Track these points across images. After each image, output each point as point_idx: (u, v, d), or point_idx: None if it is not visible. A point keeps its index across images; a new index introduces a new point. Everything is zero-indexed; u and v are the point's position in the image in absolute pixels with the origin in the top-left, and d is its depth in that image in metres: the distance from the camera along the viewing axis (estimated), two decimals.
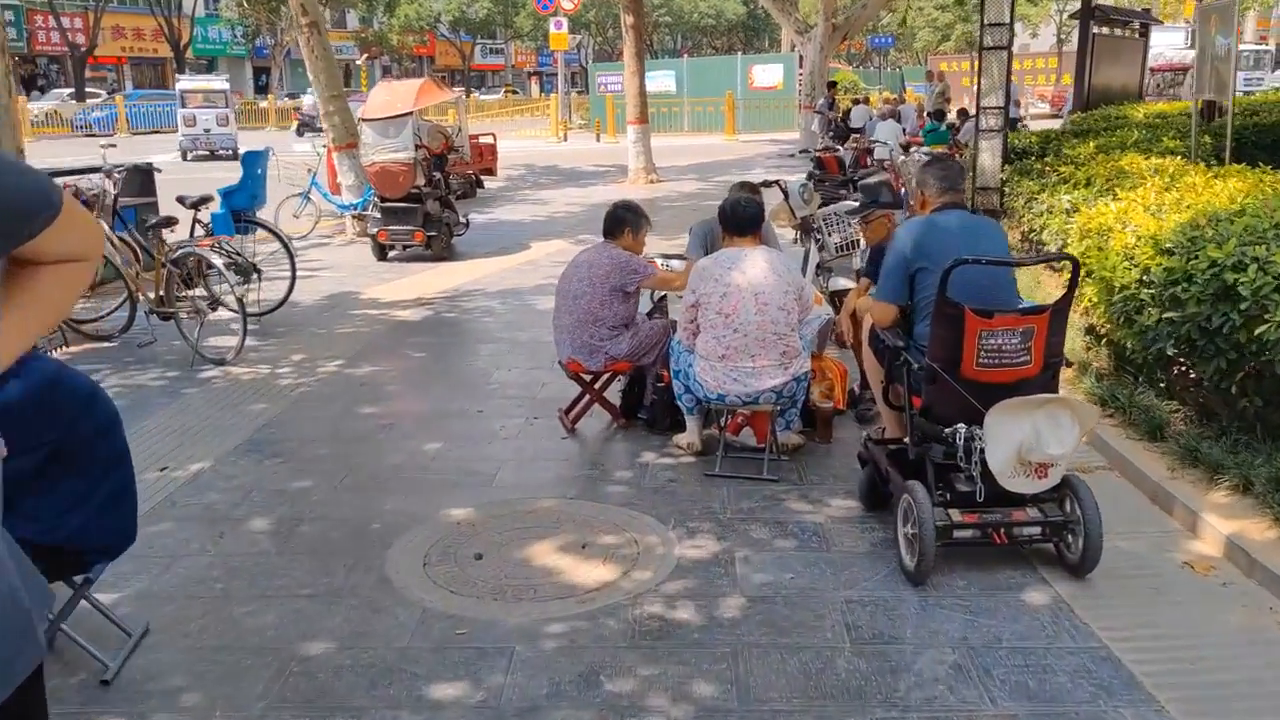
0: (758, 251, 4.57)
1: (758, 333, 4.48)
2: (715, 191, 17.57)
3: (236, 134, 26.34)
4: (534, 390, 6.16)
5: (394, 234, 10.79)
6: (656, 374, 5.33)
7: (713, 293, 4.51)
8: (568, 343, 5.30)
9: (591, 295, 5.19)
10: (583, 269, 5.27)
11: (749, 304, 4.46)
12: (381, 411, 5.81)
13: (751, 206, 4.64)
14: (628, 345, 5.27)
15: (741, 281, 4.48)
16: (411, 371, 6.73)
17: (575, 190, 18.08)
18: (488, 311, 8.45)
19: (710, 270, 4.55)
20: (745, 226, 4.64)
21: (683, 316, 4.72)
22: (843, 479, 4.66)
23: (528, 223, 13.98)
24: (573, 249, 11.98)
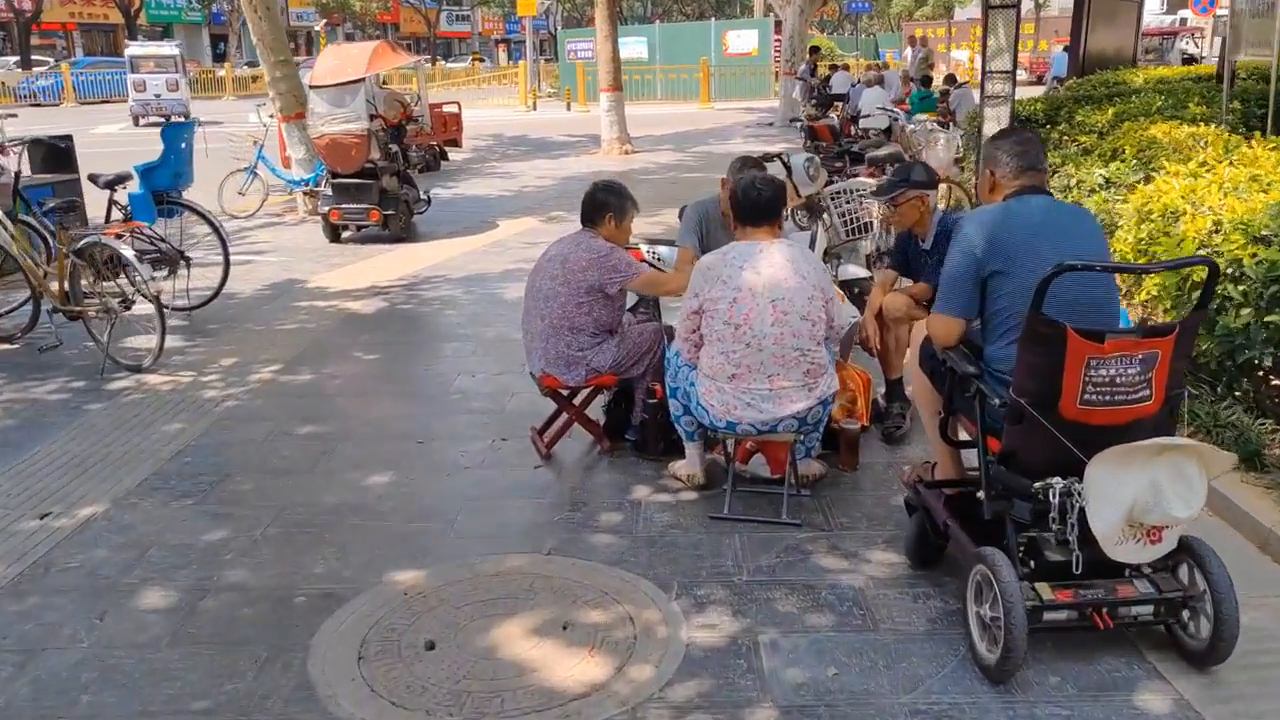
0: (776, 246, 3.70)
1: (775, 348, 3.62)
2: (694, 163, 16.65)
3: (188, 99, 26.70)
4: (502, 401, 5.27)
5: (347, 213, 9.81)
6: (648, 388, 4.47)
7: (720, 298, 3.63)
8: (540, 353, 4.43)
9: (566, 296, 4.31)
10: (555, 264, 4.39)
11: (765, 313, 3.60)
12: (321, 432, 4.90)
13: (769, 189, 3.75)
14: (612, 355, 4.40)
15: (756, 284, 3.61)
16: (360, 379, 5.81)
17: (545, 162, 17.09)
18: (450, 302, 7.52)
19: (717, 269, 3.67)
20: (761, 214, 3.75)
21: (682, 325, 3.85)
22: (878, 521, 3.83)
23: (495, 198, 13.01)
24: (544, 229, 11.08)
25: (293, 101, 11.32)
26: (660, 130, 22.18)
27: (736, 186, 3.76)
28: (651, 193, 13.20)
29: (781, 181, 3.82)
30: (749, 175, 3.79)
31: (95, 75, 34.85)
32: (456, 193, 13.48)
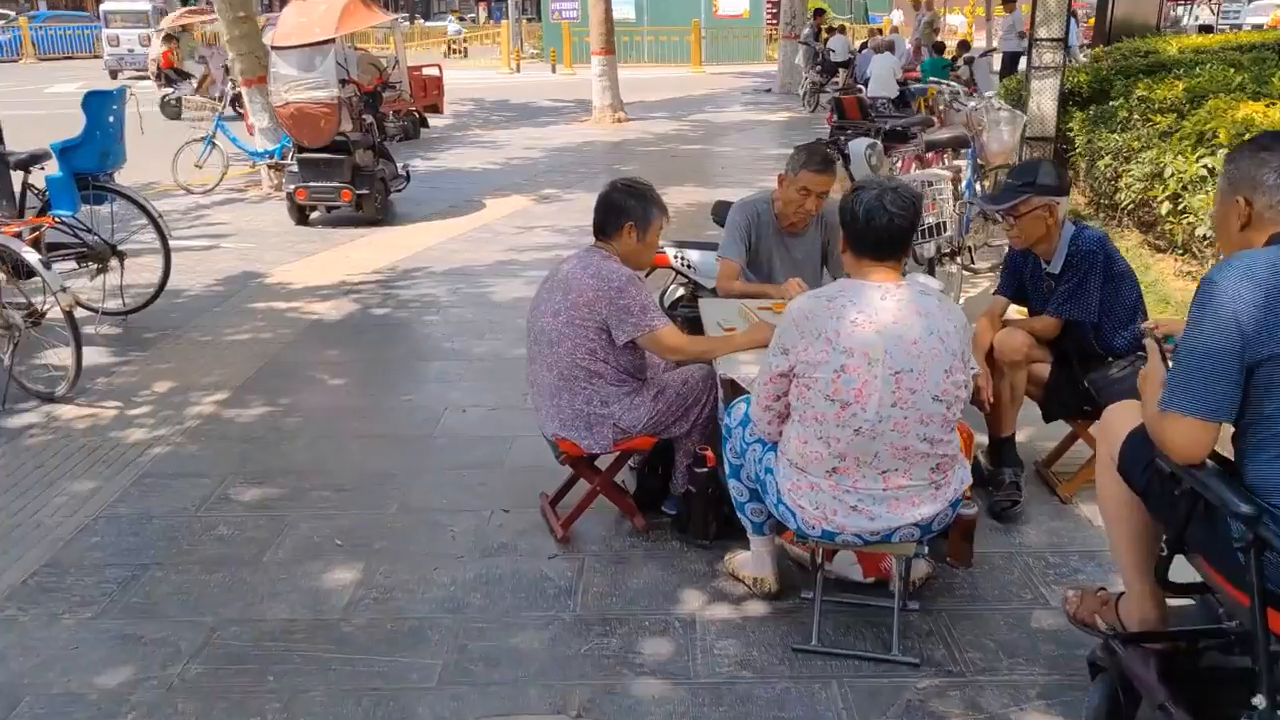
0: (904, 293, 2.65)
1: (896, 436, 2.59)
2: (693, 133, 15.52)
3: None
4: (500, 451, 4.23)
5: (315, 192, 8.68)
6: (695, 451, 3.45)
7: (821, 362, 2.59)
8: (552, 412, 3.38)
9: (575, 339, 3.27)
10: (556, 294, 3.33)
11: (884, 389, 2.56)
12: (270, 498, 3.84)
13: (905, 211, 2.66)
14: (646, 410, 3.36)
15: (874, 347, 2.56)
16: (322, 415, 4.73)
17: (532, 130, 15.90)
18: (432, 304, 6.44)
19: (818, 321, 2.62)
20: (888, 245, 2.68)
21: (762, 389, 2.80)
22: (1020, 655, 2.83)
23: (479, 172, 11.86)
24: (536, 210, 9.92)
25: (254, 64, 10.11)
26: (651, 96, 20.97)
27: (854, 203, 2.68)
28: (650, 167, 12.09)
29: (918, 201, 2.76)
30: (872, 188, 2.70)
31: (57, 30, 33.14)
32: (437, 165, 12.32)
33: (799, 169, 3.98)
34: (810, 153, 4.02)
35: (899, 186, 2.72)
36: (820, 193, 4.01)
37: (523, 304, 6.30)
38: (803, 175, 3.98)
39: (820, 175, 3.98)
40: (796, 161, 4.00)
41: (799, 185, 3.99)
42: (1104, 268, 3.46)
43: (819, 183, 3.98)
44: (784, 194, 4.07)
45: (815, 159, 3.99)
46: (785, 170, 4.06)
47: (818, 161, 3.98)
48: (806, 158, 3.99)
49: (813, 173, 3.96)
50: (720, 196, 5.59)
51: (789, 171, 4.03)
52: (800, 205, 4.03)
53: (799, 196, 4.01)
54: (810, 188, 3.98)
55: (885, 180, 2.75)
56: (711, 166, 12.24)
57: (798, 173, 3.99)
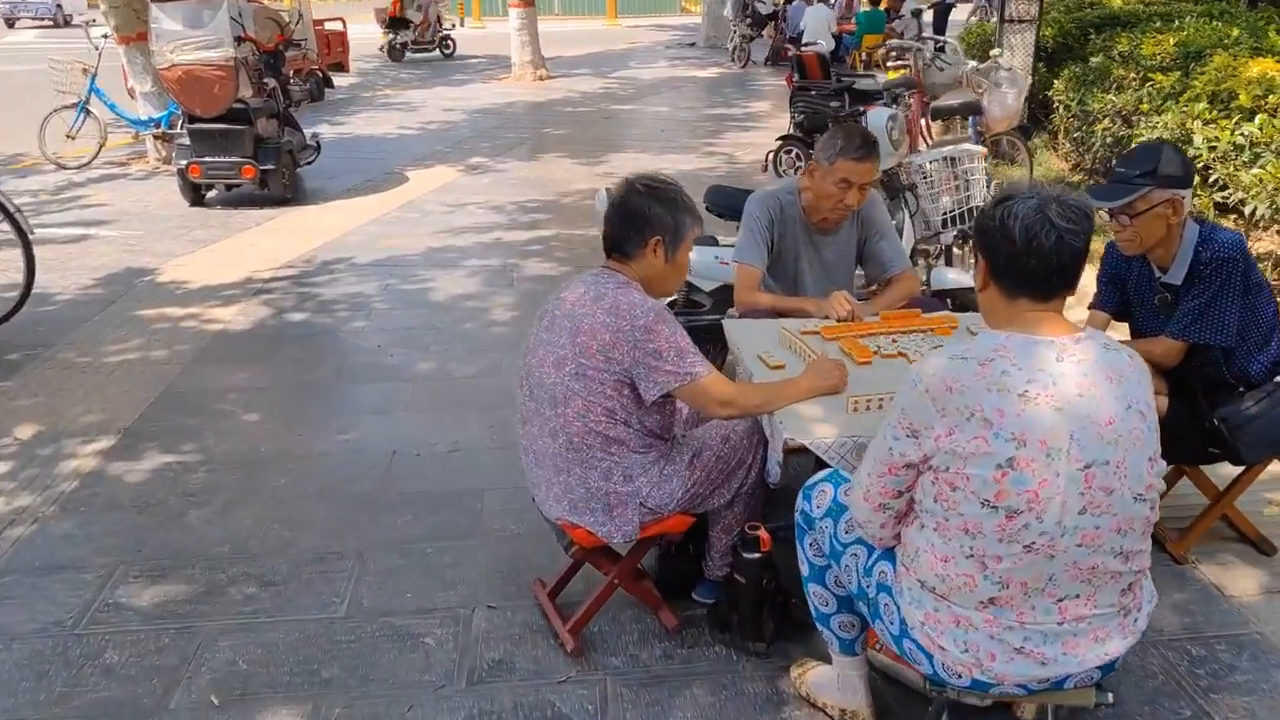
0: (1087, 350, 1.86)
1: (1083, 553, 1.84)
2: (624, 92, 14.55)
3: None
4: (470, 513, 3.37)
5: (212, 169, 7.55)
6: (737, 526, 2.67)
7: (978, 454, 1.79)
8: (557, 489, 2.54)
9: (587, 396, 2.43)
10: (561, 336, 2.48)
11: (1072, 489, 1.79)
12: (173, 604, 2.92)
13: (1077, 226, 1.87)
14: (681, 481, 2.55)
15: (1056, 433, 1.78)
16: (238, 465, 3.78)
17: (449, 90, 14.74)
18: (362, 306, 5.48)
19: (968, 392, 1.81)
20: (1056, 278, 1.87)
21: (874, 479, 2.00)
22: None
23: (395, 139, 10.76)
24: (467, 183, 8.84)
25: (131, 18, 8.81)
26: (571, 51, 19.90)
27: (1003, 219, 1.86)
28: (585, 131, 11.16)
29: (1091, 209, 1.97)
30: (1027, 196, 1.88)
31: None
32: (348, 131, 11.16)
33: (835, 157, 3.18)
34: (848, 136, 3.22)
35: (1063, 194, 1.92)
36: (863, 184, 3.23)
37: (467, 303, 5.42)
38: (841, 165, 3.18)
39: (863, 163, 3.20)
40: (831, 148, 3.20)
41: (837, 177, 3.20)
42: (1243, 279, 2.75)
43: (861, 172, 3.20)
44: (817, 187, 3.27)
45: (854, 144, 3.19)
46: (817, 158, 3.26)
47: (858, 147, 3.18)
48: (844, 142, 3.19)
49: (854, 161, 3.18)
50: (670, 163, 4.82)
51: (822, 160, 3.23)
52: (839, 200, 3.24)
53: (837, 190, 3.22)
54: (851, 179, 3.20)
55: (1039, 186, 1.96)
56: (651, 129, 11.35)
57: (834, 161, 3.19)
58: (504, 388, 4.32)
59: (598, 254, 2.64)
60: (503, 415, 4.03)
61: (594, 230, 6.95)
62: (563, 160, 9.31)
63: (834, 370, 2.59)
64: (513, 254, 6.41)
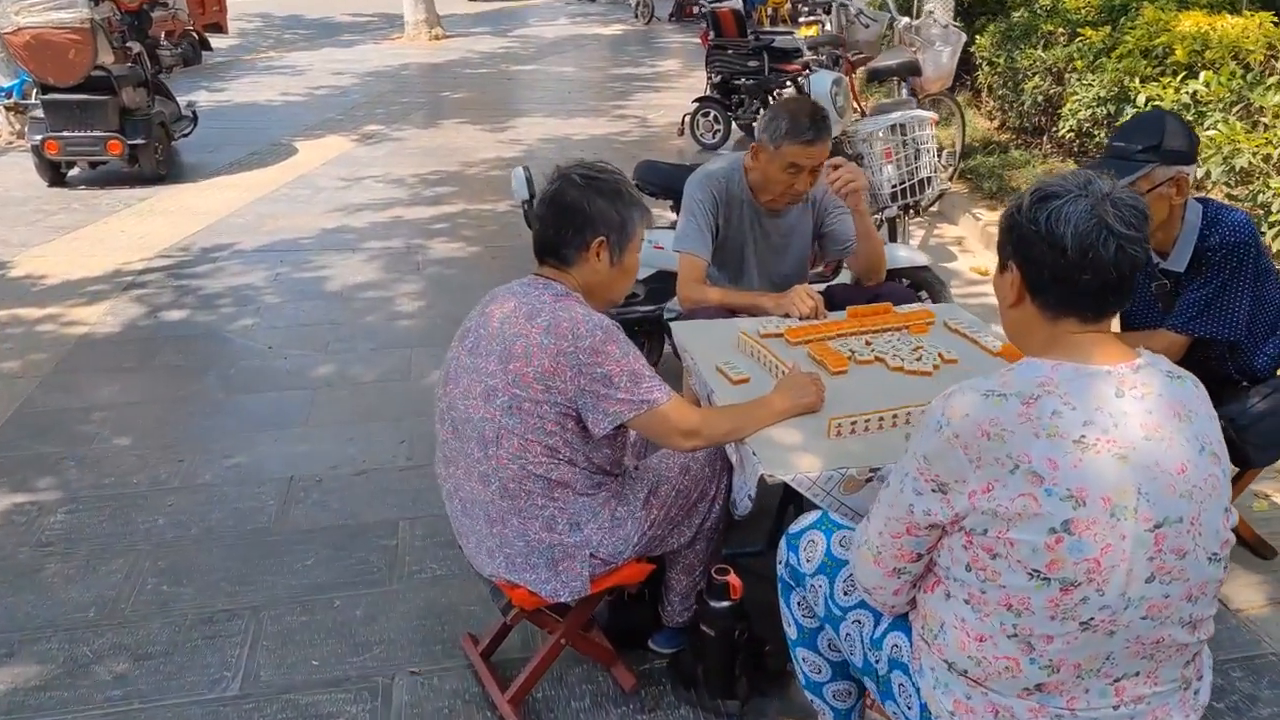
0: (1148, 380, 1.51)
1: (1148, 626, 1.51)
2: (525, 52, 13.91)
3: None
4: (385, 553, 2.92)
5: (72, 144, 6.79)
6: (701, 567, 2.31)
7: (1024, 515, 1.43)
8: (491, 542, 2.12)
9: (524, 434, 2.01)
10: (489, 361, 2.04)
11: (1139, 553, 1.46)
12: (29, 695, 2.42)
13: (1137, 231, 1.51)
14: (637, 525, 2.16)
15: (1122, 488, 1.44)
16: (106, 504, 3.25)
17: (337, 52, 13.89)
18: (249, 300, 4.91)
19: (1010, 438, 1.44)
20: (1112, 294, 1.52)
21: (886, 540, 1.63)
22: None
23: (281, 107, 10.00)
24: (362, 154, 8.13)
25: None
26: (464, 8, 19.08)
27: (1049, 223, 1.48)
28: (487, 94, 10.56)
29: (1146, 211, 1.62)
30: (1076, 193, 1.49)
31: None
32: (227, 99, 10.34)
33: (781, 140, 2.79)
34: (794, 116, 2.81)
35: (1114, 189, 1.57)
36: (814, 167, 2.85)
37: (368, 293, 4.90)
38: (788, 149, 2.80)
39: (813, 146, 2.81)
40: (776, 129, 2.80)
41: (784, 162, 2.82)
42: (1254, 264, 2.47)
43: (811, 155, 2.82)
44: (764, 171, 2.89)
45: (802, 125, 2.78)
46: (761, 139, 2.86)
47: (806, 129, 2.78)
48: (790, 123, 2.78)
49: (803, 145, 2.79)
50: (579, 128, 4.40)
51: (767, 143, 2.83)
52: (788, 187, 2.86)
53: (786, 176, 2.84)
54: (801, 163, 2.82)
55: (1085, 179, 1.59)
56: (556, 91, 10.80)
57: (780, 145, 2.80)
58: (415, 392, 3.85)
59: (509, 232, 2.23)
60: (415, 426, 3.58)
61: (504, 205, 6.49)
62: (465, 127, 8.73)
63: (809, 386, 2.22)
64: (417, 234, 5.88)
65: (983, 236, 5.44)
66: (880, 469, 2.02)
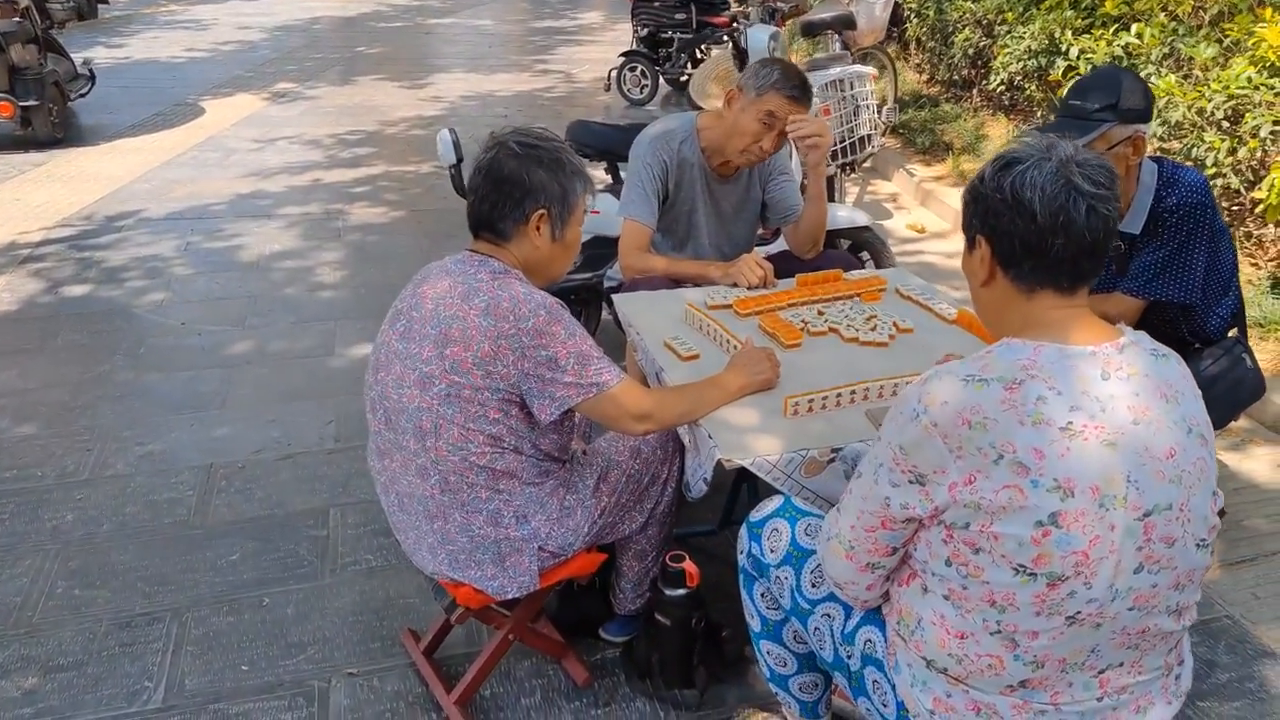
0: (1132, 359, 1.42)
1: (1135, 616, 1.44)
2: (440, 4, 13.44)
3: None
4: (315, 543, 2.76)
5: None
6: (654, 552, 2.22)
7: (1010, 508, 1.35)
8: (432, 539, 1.98)
9: (464, 423, 1.87)
10: (422, 346, 1.89)
11: (1129, 544, 1.38)
12: None
13: (1108, 192, 1.41)
14: (587, 514, 2.05)
15: (1110, 476, 1.36)
16: (9, 499, 3.03)
17: (244, 5, 13.27)
18: (158, 273, 4.63)
19: (995, 426, 1.35)
20: (1087, 261, 1.41)
21: (860, 534, 1.54)
22: None
23: (186, 63, 9.50)
24: (273, 112, 7.78)
25: None
26: None
27: (1015, 188, 1.37)
28: (403, 49, 10.18)
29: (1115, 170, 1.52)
30: (1040, 156, 1.36)
31: None
32: (126, 56, 9.78)
33: (767, 88, 2.66)
34: (786, 71, 2.69)
35: (1078, 151, 1.47)
36: (784, 129, 2.72)
37: (287, 262, 4.66)
38: (771, 98, 2.66)
39: (795, 104, 2.69)
40: (765, 76, 2.67)
41: (762, 110, 2.68)
42: (1210, 226, 2.43)
43: (790, 112, 2.69)
44: (733, 120, 2.74)
45: (792, 81, 2.67)
46: (742, 86, 2.73)
47: (795, 85, 2.67)
48: (781, 75, 2.66)
49: (787, 99, 2.67)
50: (501, 84, 4.27)
51: (750, 89, 2.69)
52: (754, 141, 2.72)
53: (758, 127, 2.70)
54: (778, 115, 2.68)
55: (1048, 142, 1.49)
56: (475, 45, 10.46)
57: (764, 93, 2.66)
58: (341, 368, 3.67)
59: (434, 195, 2.08)
60: (342, 405, 3.40)
61: (427, 167, 6.24)
62: (382, 84, 8.39)
63: (764, 362, 2.12)
64: (336, 198, 5.62)
65: (917, 193, 5.39)
66: (841, 449, 1.93)
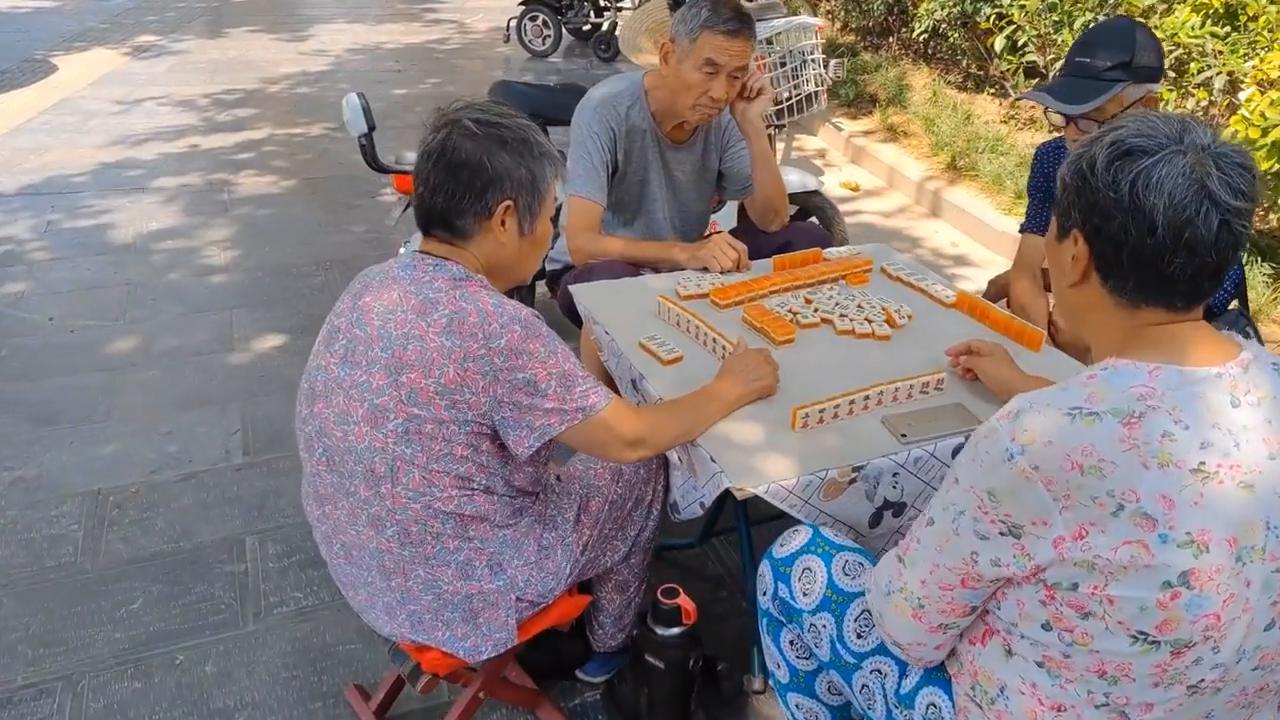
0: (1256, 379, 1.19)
1: (1259, 675, 1.23)
2: None
3: None
4: (229, 569, 2.39)
5: None
6: (630, 582, 1.95)
7: (1133, 567, 1.11)
8: (390, 599, 1.66)
9: (425, 463, 1.54)
10: (371, 373, 1.54)
11: (1264, 599, 1.17)
12: None
13: (1248, 202, 1.20)
14: (569, 554, 1.76)
15: (1248, 523, 1.14)
16: None
17: None
18: (15, 257, 4.07)
19: (1114, 469, 1.11)
20: (1207, 282, 1.19)
21: (931, 591, 1.29)
22: None
23: (30, 14, 8.60)
24: (135, 69, 7.01)
25: None
26: None
27: (1131, 188, 1.12)
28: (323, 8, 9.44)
29: (1256, 168, 1.28)
30: (1165, 144, 1.13)
31: None
32: None
33: (698, 30, 2.35)
34: (715, 5, 2.36)
35: (1216, 138, 1.20)
36: (735, 71, 2.40)
37: (168, 242, 4.17)
38: (706, 41, 2.35)
39: (734, 40, 2.37)
40: (693, 18, 2.35)
41: (700, 58, 2.36)
42: None
43: (733, 52, 2.37)
44: (674, 75, 2.42)
45: (723, 15, 2.35)
46: (675, 36, 2.41)
47: (728, 19, 2.35)
48: (710, 12, 2.34)
49: (724, 36, 2.35)
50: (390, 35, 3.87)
51: (682, 37, 2.38)
52: (703, 93, 2.41)
53: (701, 77, 2.38)
54: (719, 61, 2.36)
55: (1182, 124, 1.21)
56: None
57: (696, 37, 2.35)
58: (243, 365, 3.25)
59: (329, 160, 1.82)
60: (250, 409, 3.00)
61: (318, 128, 5.71)
62: (258, 36, 7.73)
63: (762, 366, 1.85)
64: (218, 166, 5.08)
65: (848, 149, 5.18)
66: (864, 466, 1.67)
